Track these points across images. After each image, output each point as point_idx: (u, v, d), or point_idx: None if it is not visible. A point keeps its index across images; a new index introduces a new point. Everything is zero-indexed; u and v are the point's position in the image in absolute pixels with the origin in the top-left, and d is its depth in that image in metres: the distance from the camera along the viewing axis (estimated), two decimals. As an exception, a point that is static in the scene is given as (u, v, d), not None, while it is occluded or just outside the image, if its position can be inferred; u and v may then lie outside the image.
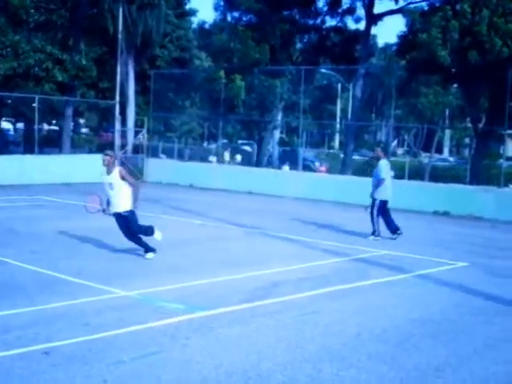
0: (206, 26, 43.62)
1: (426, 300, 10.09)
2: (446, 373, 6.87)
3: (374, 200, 15.71)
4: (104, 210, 12.97)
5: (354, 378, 6.61)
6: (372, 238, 15.56)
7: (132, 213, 12.37)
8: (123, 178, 12.34)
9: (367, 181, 16.86)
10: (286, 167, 32.65)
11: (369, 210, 15.81)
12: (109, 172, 12.48)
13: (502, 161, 25.62)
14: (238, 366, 6.79)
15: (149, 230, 12.71)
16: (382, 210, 15.70)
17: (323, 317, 8.80)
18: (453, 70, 26.15)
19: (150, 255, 12.40)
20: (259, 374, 6.60)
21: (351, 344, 7.68)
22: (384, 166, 15.70)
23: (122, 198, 12.36)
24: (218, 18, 38.99)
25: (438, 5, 28.20)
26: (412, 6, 30.31)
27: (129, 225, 12.44)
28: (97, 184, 26.20)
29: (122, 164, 12.92)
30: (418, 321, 8.79)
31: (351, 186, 23.72)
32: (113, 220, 12.76)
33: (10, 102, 37.70)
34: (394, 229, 15.74)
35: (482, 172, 27.79)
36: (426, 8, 28.36)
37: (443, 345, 7.80)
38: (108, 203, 12.70)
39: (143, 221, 12.99)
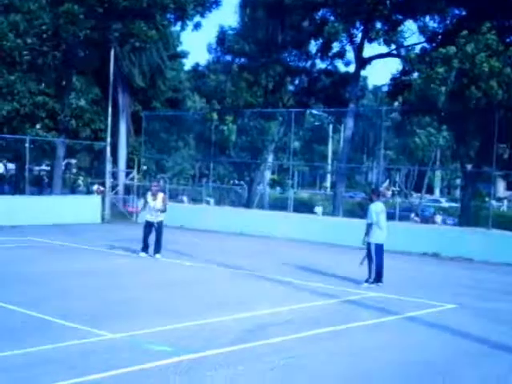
0: (200, 68, 44.17)
1: (414, 342, 10.10)
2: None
3: (368, 245, 15.18)
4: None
5: (339, 422, 6.61)
6: (366, 284, 14.97)
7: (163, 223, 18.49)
8: (163, 201, 18.31)
9: (359, 222, 16.58)
10: (318, 208, 31.47)
11: (365, 262, 15.27)
12: (154, 196, 18.23)
13: (491, 202, 25.81)
14: (224, 410, 6.79)
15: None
16: (379, 253, 15.08)
17: (310, 360, 8.80)
18: (442, 112, 26.51)
19: (158, 256, 18.09)
20: (244, 418, 6.60)
21: (337, 387, 7.68)
22: (374, 209, 15.18)
23: (161, 213, 18.28)
24: (212, 60, 39.55)
25: (429, 48, 28.74)
26: (402, 49, 30.89)
27: (161, 229, 18.34)
28: (86, 225, 26.55)
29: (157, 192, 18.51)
30: (404, 363, 8.80)
31: (342, 228, 23.82)
32: (100, 262, 15.51)
33: (1, 142, 37.82)
34: (378, 276, 15.12)
35: (471, 213, 27.96)
36: (418, 52, 28.83)
37: (429, 388, 7.82)
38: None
39: (131, 259, 15.88)
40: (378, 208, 15.29)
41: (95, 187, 39.91)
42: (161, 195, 18.41)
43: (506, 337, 10.56)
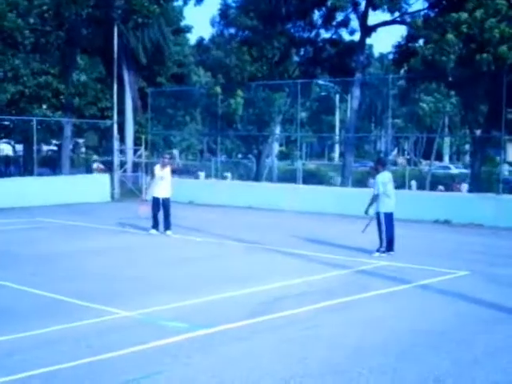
0: (204, 42, 43.93)
1: (427, 310, 10.11)
2: (447, 382, 6.89)
3: (377, 214, 15.14)
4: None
5: (356, 392, 6.64)
6: (377, 254, 14.96)
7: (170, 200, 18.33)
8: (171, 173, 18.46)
9: (369, 192, 16.41)
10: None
11: (367, 230, 15.34)
12: (163, 168, 18.22)
13: (501, 166, 25.68)
14: (240, 383, 6.80)
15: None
16: (389, 222, 15.07)
17: (325, 330, 8.83)
18: (450, 77, 26.31)
19: (169, 232, 18.18)
20: (261, 391, 6.63)
21: (353, 357, 7.70)
22: (381, 180, 15.15)
23: (169, 188, 18.29)
24: (215, 34, 39.30)
25: (432, 14, 28.45)
26: (407, 16, 30.59)
27: (168, 205, 18.18)
28: (95, 204, 26.61)
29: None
30: (419, 332, 8.81)
31: (352, 198, 23.72)
32: (112, 240, 16.52)
33: (9, 124, 37.87)
34: (389, 245, 15.12)
35: (481, 179, 27.86)
36: (421, 18, 28.53)
37: (444, 355, 7.82)
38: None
39: (143, 237, 17.65)
40: (385, 178, 15.24)
41: (95, 165, 39.91)
42: (169, 167, 18.41)
43: (520, 302, 10.55)
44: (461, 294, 11.13)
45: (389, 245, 15.10)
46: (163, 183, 18.19)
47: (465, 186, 25.74)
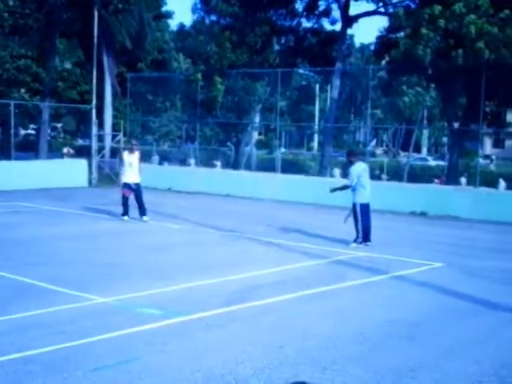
0: (185, 28, 43.74)
1: (402, 301, 10.18)
2: (421, 373, 6.95)
3: (354, 205, 15.17)
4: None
5: (330, 380, 6.66)
6: (354, 244, 14.99)
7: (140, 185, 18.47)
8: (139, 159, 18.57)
9: (347, 183, 16.43)
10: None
11: (348, 220, 15.32)
12: (131, 154, 18.39)
13: (478, 159, 25.85)
14: (216, 371, 6.82)
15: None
16: (365, 213, 15.13)
17: (300, 320, 8.85)
18: (429, 71, 26.41)
19: (146, 218, 18.10)
20: (236, 379, 6.64)
21: (328, 346, 7.73)
22: (355, 171, 15.14)
23: (137, 173, 18.38)
24: (196, 20, 39.09)
25: (413, 6, 28.50)
26: (390, 7, 30.65)
27: (140, 191, 18.30)
28: (73, 189, 26.44)
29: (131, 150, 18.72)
30: (394, 322, 8.87)
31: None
32: (88, 226, 17.01)
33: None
34: (365, 235, 15.16)
35: (459, 171, 28.03)
36: (402, 9, 28.57)
37: (418, 345, 7.89)
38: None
39: (119, 223, 17.92)
40: (359, 169, 15.25)
41: (65, 150, 39.51)
42: (137, 153, 18.56)
43: (493, 294, 10.64)
44: (436, 285, 11.21)
45: (365, 236, 15.15)
46: (132, 169, 18.33)
47: (463, 180, 24.44)
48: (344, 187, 15.51)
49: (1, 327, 8.04)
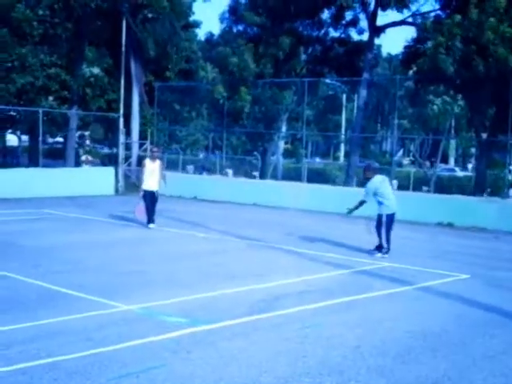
0: (213, 37, 43.95)
1: (427, 312, 10.12)
2: (445, 386, 6.92)
3: (379, 216, 15.12)
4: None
5: (353, 392, 6.65)
6: (380, 255, 14.98)
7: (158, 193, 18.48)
8: (161, 167, 18.64)
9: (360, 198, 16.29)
10: None
11: (373, 230, 15.27)
12: (153, 161, 18.54)
13: (507, 170, 25.64)
14: (239, 380, 6.83)
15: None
16: (390, 222, 15.07)
17: (324, 330, 8.84)
18: (457, 79, 26.26)
19: (152, 225, 18.25)
20: (259, 388, 6.66)
21: (351, 357, 7.71)
22: (371, 187, 15.10)
23: (158, 181, 18.39)
24: (224, 30, 39.31)
25: (443, 16, 28.39)
26: (418, 17, 30.56)
27: (155, 199, 18.33)
28: (99, 197, 26.64)
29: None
30: (418, 333, 8.82)
31: (356, 198, 23.59)
32: (114, 234, 16.89)
33: (16, 115, 37.95)
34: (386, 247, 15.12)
35: (486, 182, 27.84)
36: (431, 19, 28.51)
37: (443, 357, 7.83)
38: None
39: (144, 231, 17.98)
40: (375, 184, 15.15)
41: (83, 157, 39.76)
42: (158, 161, 18.69)
43: (521, 306, 10.55)
44: (461, 296, 11.14)
45: (381, 246, 15.14)
46: (153, 177, 18.37)
47: None
48: (360, 204, 15.44)
49: (28, 333, 8.13)
